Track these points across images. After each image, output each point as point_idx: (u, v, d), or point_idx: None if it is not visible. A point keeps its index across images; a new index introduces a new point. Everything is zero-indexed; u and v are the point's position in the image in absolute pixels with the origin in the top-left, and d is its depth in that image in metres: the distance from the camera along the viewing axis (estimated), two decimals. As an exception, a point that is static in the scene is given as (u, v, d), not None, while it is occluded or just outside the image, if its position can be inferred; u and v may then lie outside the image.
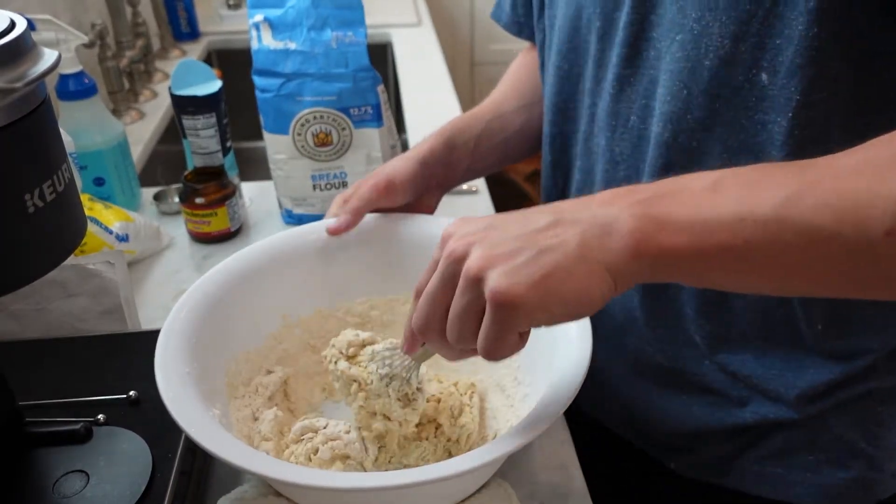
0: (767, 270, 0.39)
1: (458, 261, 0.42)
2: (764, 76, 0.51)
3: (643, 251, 0.39)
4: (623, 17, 0.58)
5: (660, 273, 0.40)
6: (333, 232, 0.68)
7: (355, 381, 0.57)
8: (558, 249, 0.40)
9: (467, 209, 1.01)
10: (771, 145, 0.52)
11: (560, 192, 0.74)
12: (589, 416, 0.76)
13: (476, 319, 0.42)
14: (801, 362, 0.60)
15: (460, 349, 0.44)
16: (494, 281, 0.40)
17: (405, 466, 0.59)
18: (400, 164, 0.71)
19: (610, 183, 0.64)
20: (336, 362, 0.58)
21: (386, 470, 0.58)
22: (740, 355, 0.62)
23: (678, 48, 0.54)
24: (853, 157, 0.38)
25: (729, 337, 0.61)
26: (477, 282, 0.41)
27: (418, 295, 0.46)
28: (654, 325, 0.65)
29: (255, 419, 0.62)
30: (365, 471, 0.57)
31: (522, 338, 0.43)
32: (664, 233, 0.38)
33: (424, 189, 0.73)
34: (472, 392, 0.64)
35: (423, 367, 0.60)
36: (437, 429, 0.62)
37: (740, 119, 0.53)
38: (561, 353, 0.55)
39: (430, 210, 0.76)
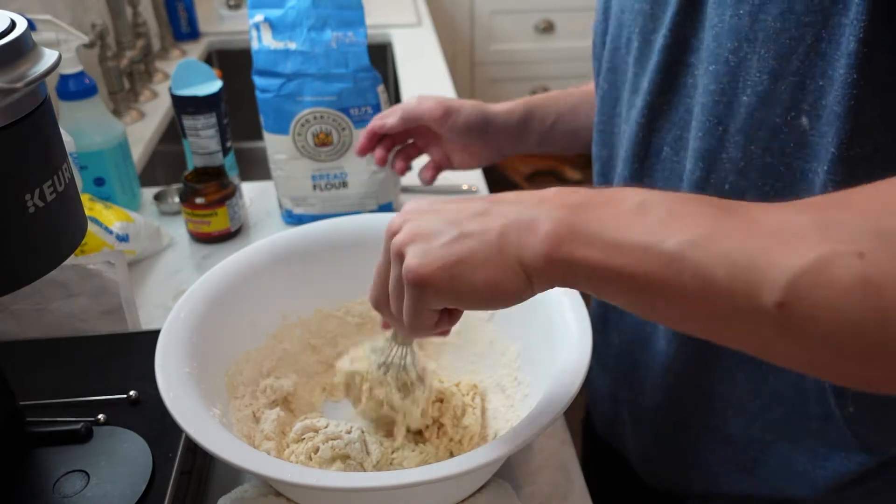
0: (666, 307, 0.38)
1: (392, 235, 0.44)
2: (804, 120, 0.47)
3: (554, 256, 0.38)
4: (660, 39, 0.55)
5: (570, 281, 0.40)
6: (377, 130, 0.80)
7: (358, 373, 0.58)
8: (477, 237, 0.40)
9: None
10: (809, 196, 0.49)
11: None
12: (604, 440, 0.77)
13: (403, 293, 0.43)
14: (828, 453, 0.57)
15: (409, 325, 0.45)
16: (409, 258, 0.41)
17: (405, 467, 0.59)
18: (458, 103, 0.79)
19: None
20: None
21: (386, 470, 0.58)
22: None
23: (712, 80, 0.50)
24: (777, 213, 0.36)
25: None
26: (399, 257, 0.43)
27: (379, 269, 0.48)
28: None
29: (256, 419, 0.62)
30: (365, 471, 0.57)
31: (448, 317, 0.45)
32: (575, 243, 0.38)
33: (469, 136, 0.79)
34: (475, 393, 0.64)
35: (432, 365, 0.60)
36: (439, 429, 0.62)
37: (778, 165, 0.49)
38: (561, 354, 0.55)
39: (470, 161, 0.83)
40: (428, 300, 0.42)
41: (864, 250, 0.31)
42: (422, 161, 0.89)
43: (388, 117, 0.83)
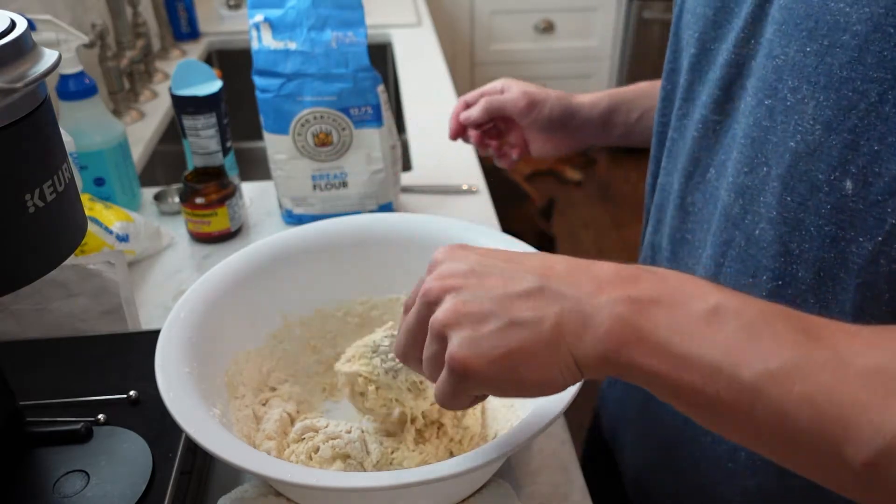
0: (732, 429, 0.35)
1: (430, 304, 0.40)
2: (848, 184, 0.42)
3: (613, 358, 0.36)
4: (724, 52, 0.51)
5: (625, 377, 0.37)
6: (463, 122, 0.80)
7: (360, 375, 0.57)
8: (530, 327, 0.37)
9: (467, 209, 1.01)
10: (843, 268, 0.44)
11: (649, 221, 0.68)
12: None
13: (440, 368, 0.40)
14: None
15: (442, 403, 0.43)
16: (455, 346, 0.38)
17: (405, 467, 0.59)
18: (543, 95, 0.79)
19: (674, 238, 0.59)
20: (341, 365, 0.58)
21: (386, 469, 0.58)
22: None
23: (765, 115, 0.46)
24: (868, 349, 0.32)
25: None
26: (441, 337, 0.39)
27: (407, 309, 0.44)
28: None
29: (257, 419, 0.62)
30: (365, 470, 0.57)
31: (479, 398, 0.42)
32: (638, 349, 0.35)
33: (551, 129, 0.79)
34: None
35: None
36: (439, 429, 0.62)
37: (809, 225, 0.45)
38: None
39: (549, 150, 0.82)
40: (469, 389, 0.39)
41: None
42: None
43: (473, 109, 0.83)
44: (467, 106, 0.84)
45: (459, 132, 0.86)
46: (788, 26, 0.44)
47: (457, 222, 0.71)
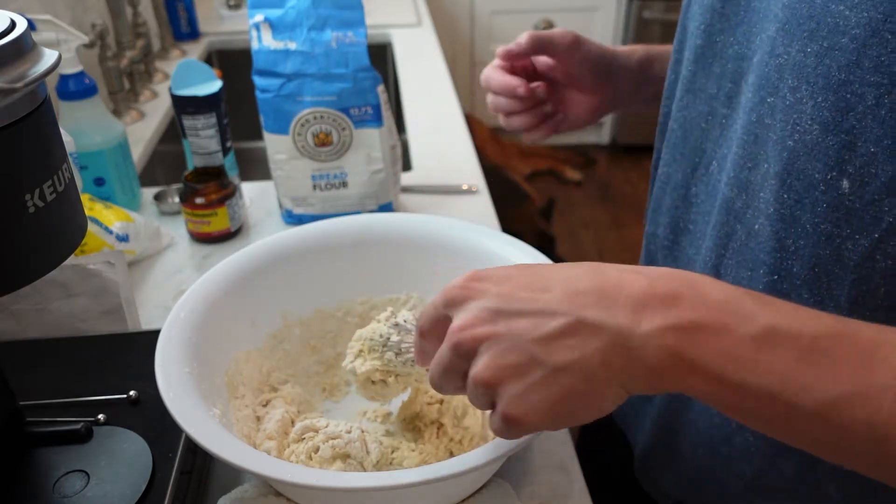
0: (794, 443, 0.36)
1: (464, 356, 0.39)
2: (845, 183, 0.43)
3: (666, 387, 0.36)
4: (733, 46, 0.51)
5: (684, 392, 0.37)
6: (510, 50, 0.70)
7: (377, 370, 0.56)
8: (576, 369, 0.36)
9: (467, 209, 1.01)
10: (838, 264, 0.45)
11: (649, 209, 0.67)
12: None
13: (489, 407, 0.40)
14: None
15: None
16: (506, 405, 0.38)
17: (405, 466, 0.59)
18: (585, 41, 0.73)
19: (677, 227, 0.59)
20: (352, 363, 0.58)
21: (386, 469, 0.58)
22: None
23: (768, 112, 0.47)
24: None
25: None
26: (488, 391, 0.39)
27: (423, 331, 0.44)
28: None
29: (257, 419, 0.62)
30: (365, 470, 0.57)
31: None
32: (691, 378, 0.35)
33: (597, 73, 0.74)
34: None
35: None
36: (439, 429, 0.62)
37: (805, 223, 0.46)
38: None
39: (586, 112, 0.76)
40: (527, 432, 0.39)
41: None
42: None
43: (518, 39, 0.73)
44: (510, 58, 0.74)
45: (510, 68, 0.74)
46: (791, 25, 0.45)
47: (457, 222, 0.71)
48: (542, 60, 0.75)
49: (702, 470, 0.60)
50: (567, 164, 3.01)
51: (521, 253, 0.67)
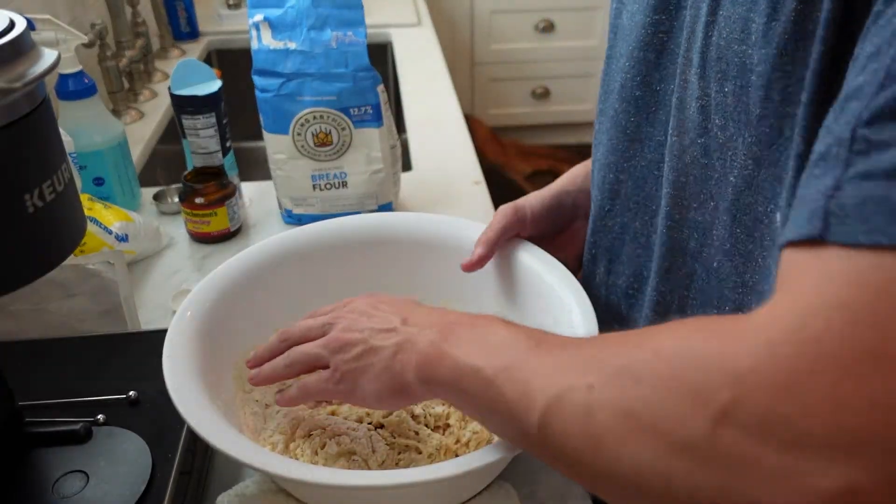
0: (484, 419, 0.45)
1: (318, 332, 0.55)
2: (778, 217, 0.44)
3: (421, 375, 0.46)
4: (675, 93, 0.52)
5: (438, 394, 0.47)
6: (466, 268, 0.67)
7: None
8: (383, 350, 0.49)
9: (467, 208, 1.01)
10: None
11: (598, 260, 0.67)
12: None
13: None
14: None
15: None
16: (337, 364, 0.52)
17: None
18: (535, 194, 0.72)
19: (639, 275, 0.61)
20: None
21: (391, 469, 0.58)
22: None
23: (701, 153, 0.48)
24: (572, 348, 0.40)
25: None
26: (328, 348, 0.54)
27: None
28: None
29: (265, 417, 0.62)
30: (370, 469, 0.57)
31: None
32: (438, 366, 0.45)
33: (567, 219, 0.73)
34: None
35: None
36: (445, 430, 0.61)
37: (756, 256, 0.47)
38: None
39: (579, 242, 0.72)
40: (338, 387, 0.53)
41: (596, 384, 0.35)
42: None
43: (474, 256, 0.67)
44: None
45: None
46: (705, 69, 0.46)
47: (471, 222, 0.71)
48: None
49: None
50: (567, 163, 3.00)
51: (525, 253, 0.67)
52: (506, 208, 0.69)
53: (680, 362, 0.33)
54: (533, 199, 0.71)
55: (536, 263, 0.66)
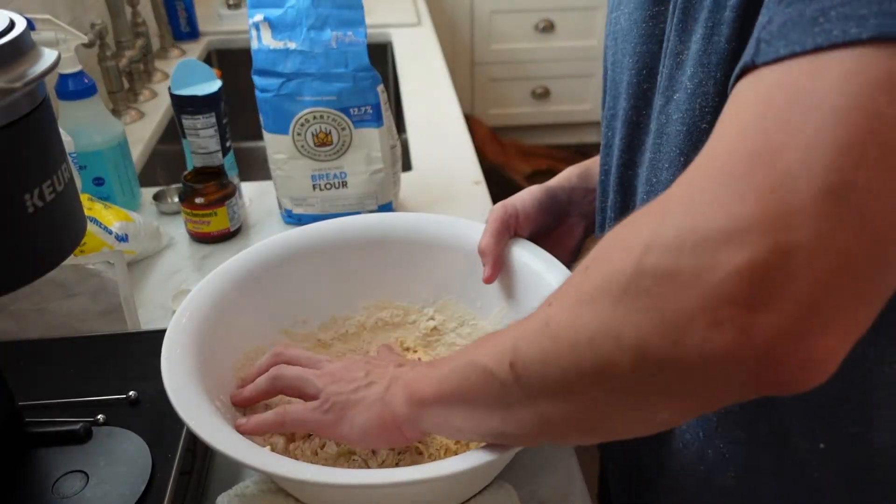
0: (470, 415, 0.46)
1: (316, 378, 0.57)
2: None
3: (408, 394, 0.49)
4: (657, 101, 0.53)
5: (426, 420, 0.49)
6: (488, 281, 0.68)
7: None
8: (369, 397, 0.52)
9: (467, 208, 1.01)
10: None
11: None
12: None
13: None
14: None
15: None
16: (328, 393, 0.54)
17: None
18: (527, 191, 0.72)
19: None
20: None
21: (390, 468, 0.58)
22: None
23: (675, 109, 0.49)
24: (547, 310, 0.42)
25: None
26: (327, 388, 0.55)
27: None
28: None
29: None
30: (369, 468, 0.57)
31: None
32: (423, 383, 0.48)
33: (561, 216, 0.73)
34: None
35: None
36: None
37: None
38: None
39: (574, 239, 0.74)
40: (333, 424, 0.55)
41: (553, 308, 0.40)
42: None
43: (486, 273, 0.69)
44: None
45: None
46: (672, 101, 0.49)
47: (474, 223, 0.71)
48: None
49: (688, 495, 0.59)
50: (567, 163, 3.00)
51: (527, 252, 0.67)
52: (497, 209, 0.69)
53: (611, 240, 0.38)
54: (525, 196, 0.71)
55: (536, 262, 0.66)
